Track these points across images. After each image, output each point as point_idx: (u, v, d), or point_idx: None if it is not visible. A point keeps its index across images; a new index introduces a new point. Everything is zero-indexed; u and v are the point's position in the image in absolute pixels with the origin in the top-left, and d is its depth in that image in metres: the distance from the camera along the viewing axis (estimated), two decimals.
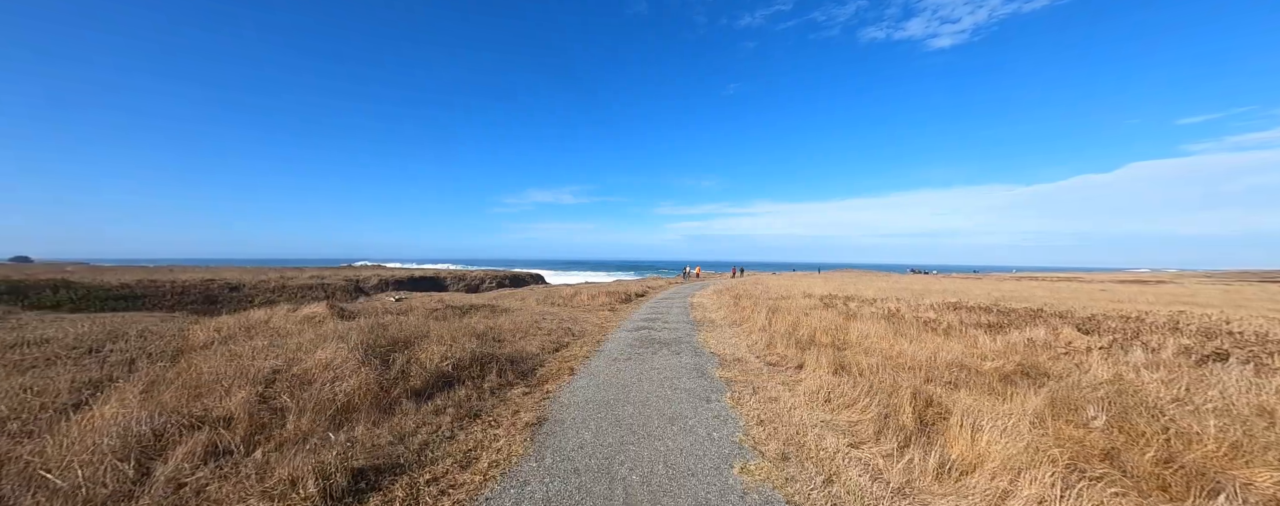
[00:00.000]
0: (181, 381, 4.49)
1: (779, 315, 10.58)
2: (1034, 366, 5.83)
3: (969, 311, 11.92)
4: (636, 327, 9.72)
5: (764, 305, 12.76)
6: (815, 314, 10.75)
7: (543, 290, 19.50)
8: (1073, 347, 6.79)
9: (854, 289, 20.47)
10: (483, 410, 4.31)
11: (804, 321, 9.50)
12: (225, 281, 24.98)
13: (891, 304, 13.32)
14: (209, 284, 24.12)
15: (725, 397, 4.62)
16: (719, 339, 8.42)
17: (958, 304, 13.54)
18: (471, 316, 10.59)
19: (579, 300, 14.83)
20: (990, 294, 20.09)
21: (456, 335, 7.01)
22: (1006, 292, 20.51)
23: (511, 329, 8.68)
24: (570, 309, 13.37)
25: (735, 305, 13.65)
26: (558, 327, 9.29)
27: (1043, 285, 27.83)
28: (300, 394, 4.03)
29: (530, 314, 11.73)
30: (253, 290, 25.37)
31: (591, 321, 10.78)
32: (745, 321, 10.35)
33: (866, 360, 5.64)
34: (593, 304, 14.39)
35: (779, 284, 24.28)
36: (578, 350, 7.25)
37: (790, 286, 22.58)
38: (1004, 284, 29.20)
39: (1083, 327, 8.52)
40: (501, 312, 11.63)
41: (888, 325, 9.11)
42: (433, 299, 16.93)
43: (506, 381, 5.32)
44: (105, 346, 6.44)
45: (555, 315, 11.53)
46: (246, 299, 24.74)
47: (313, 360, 5.13)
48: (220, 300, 23.65)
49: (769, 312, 10.80)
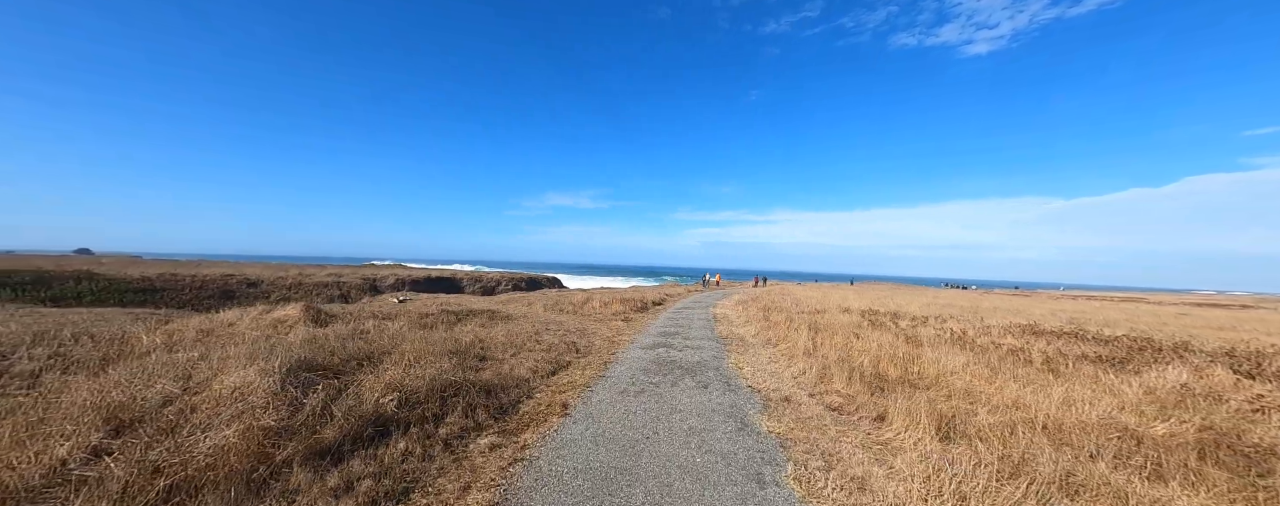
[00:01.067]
0: (23, 416, 3.23)
1: (823, 335, 8.82)
2: (1231, 433, 3.96)
3: (1054, 337, 9.84)
4: (653, 344, 8.16)
5: (800, 321, 10.99)
6: (868, 335, 8.94)
7: (554, 295, 18.21)
8: (1264, 402, 4.82)
9: (895, 304, 18.30)
10: (418, 482, 2.85)
11: (857, 345, 7.73)
12: (244, 277, 24.79)
13: (952, 324, 11.30)
14: (228, 279, 23.93)
15: (786, 476, 3.00)
16: (754, 365, 6.76)
17: (1032, 326, 11.39)
18: (466, 324, 9.27)
19: (590, 307, 13.38)
20: (1056, 314, 17.56)
21: (430, 350, 5.62)
22: (1075, 313, 17.91)
23: (505, 342, 7.26)
24: (579, 317, 11.93)
25: (765, 319, 11.91)
26: (561, 341, 7.82)
27: (1109, 306, 24.73)
28: (147, 450, 2.69)
29: (533, 322, 10.33)
30: (270, 286, 25.10)
31: (601, 334, 9.28)
32: (782, 341, 8.64)
33: (982, 415, 3.90)
34: (605, 312, 12.91)
35: (809, 296, 22.24)
36: (578, 374, 5.74)
37: (823, 299, 20.53)
38: (1062, 303, 26.18)
39: (1238, 367, 6.42)
40: (501, 320, 10.29)
41: (966, 353, 7.25)
42: (436, 301, 15.83)
43: (474, 424, 3.86)
44: (18, 352, 5.37)
45: (561, 325, 10.10)
46: (263, 295, 24.44)
47: (219, 386, 3.80)
48: (237, 295, 23.39)
49: (811, 331, 9.06)
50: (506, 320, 10.46)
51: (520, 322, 10.10)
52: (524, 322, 10.17)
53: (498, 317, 10.57)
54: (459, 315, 10.28)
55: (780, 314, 12.61)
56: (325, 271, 31.16)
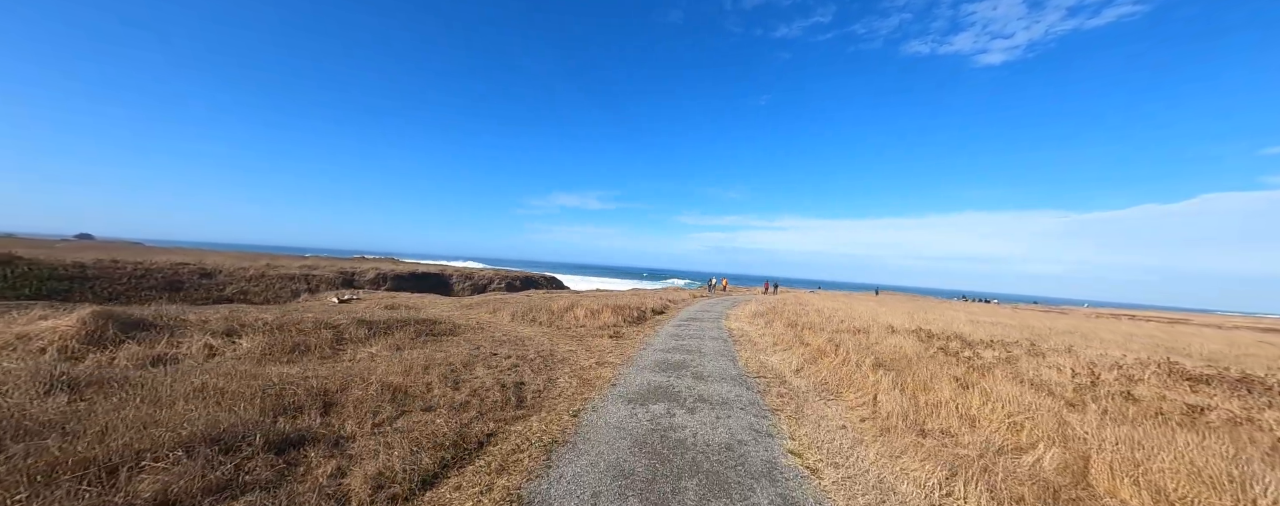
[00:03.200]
0: None
1: (904, 375, 5.82)
2: None
3: (1222, 386, 6.76)
4: (646, 389, 5.17)
5: (847, 344, 7.98)
6: (971, 381, 5.90)
7: (538, 298, 15.31)
8: None
9: (942, 322, 15.19)
10: None
11: (978, 405, 4.72)
12: (199, 267, 22.03)
13: (1060, 359, 8.22)
14: (179, 268, 21.17)
15: None
16: (840, 460, 3.72)
17: (1174, 367, 8.28)
18: (376, 343, 6.33)
19: (572, 318, 10.41)
20: (1132, 338, 14.41)
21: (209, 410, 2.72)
22: (1162, 340, 14.73)
23: (401, 385, 4.33)
24: (553, 332, 8.95)
25: (800, 341, 8.91)
26: (499, 382, 4.86)
27: (1181, 330, 21.41)
28: None
29: (484, 339, 7.38)
30: (228, 277, 22.33)
31: (574, 364, 6.31)
32: (847, 388, 5.61)
33: None
34: (590, 325, 9.94)
35: (834, 307, 19.14)
36: (479, 485, 2.80)
37: (850, 311, 17.45)
38: (1120, 324, 22.88)
39: None
40: (442, 337, 7.35)
41: (1182, 431, 4.22)
42: (388, 302, 12.90)
43: None
44: None
45: (522, 345, 7.15)
46: (218, 287, 21.69)
47: None
48: (187, 287, 20.63)
49: (881, 370, 6.04)
50: (450, 336, 7.52)
51: (464, 340, 7.15)
52: (470, 340, 7.23)
53: (439, 332, 7.63)
54: (387, 326, 7.35)
55: (817, 334, 9.59)
56: (298, 263, 28.40)
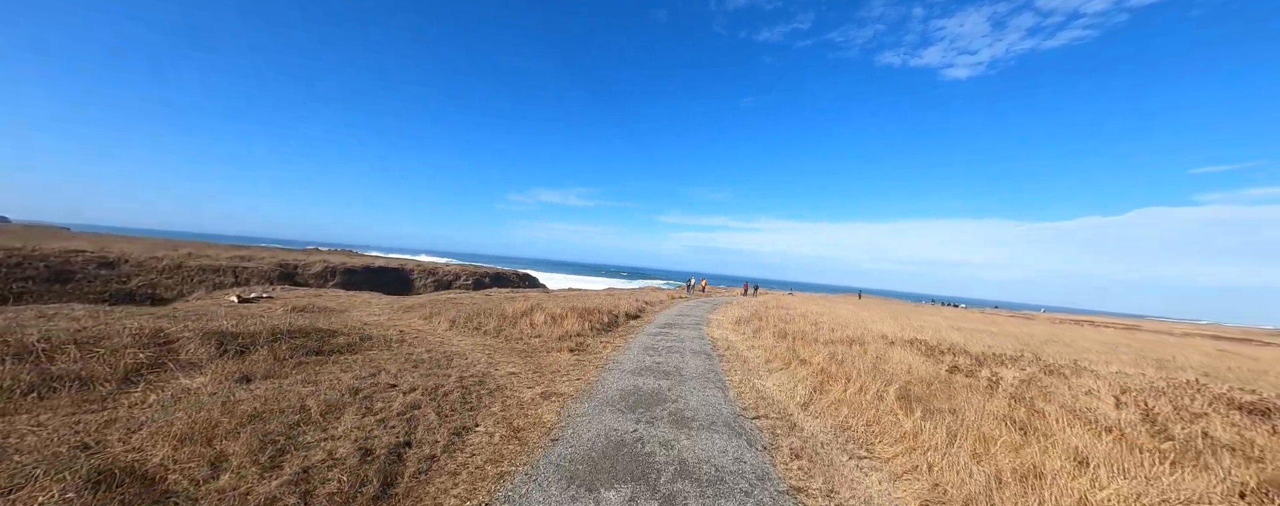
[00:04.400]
0: None
1: (928, 408, 4.44)
2: None
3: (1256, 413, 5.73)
4: (601, 448, 3.48)
5: (847, 361, 6.62)
6: (1019, 418, 4.57)
7: (497, 298, 13.41)
8: None
9: (930, 329, 14.26)
10: None
11: (1051, 461, 3.36)
12: (99, 255, 18.79)
13: (1083, 380, 7.12)
14: (71, 257, 17.91)
15: None
16: None
17: (1191, 386, 7.32)
18: (237, 363, 4.43)
19: (528, 324, 8.64)
20: (1115, 348, 13.93)
21: None
22: (1139, 350, 14.31)
23: (160, 463, 2.56)
24: (499, 344, 7.17)
25: (794, 355, 7.49)
26: (374, 444, 3.11)
27: (1139, 336, 21.55)
28: None
29: (401, 358, 5.55)
30: (134, 268, 19.16)
31: (514, 393, 4.60)
32: (871, 428, 4.16)
33: None
34: (548, 333, 8.20)
35: (817, 312, 18.04)
36: None
37: (835, 316, 16.37)
38: (1084, 330, 22.95)
39: None
40: (339, 356, 5.47)
41: None
42: (292, 304, 10.68)
43: None
44: None
45: (452, 365, 5.38)
46: (120, 278, 18.53)
47: None
48: (78, 279, 17.45)
49: (905, 405, 4.65)
50: (346, 354, 5.64)
51: (362, 361, 5.29)
52: (373, 360, 5.37)
53: (334, 347, 5.73)
54: (257, 340, 5.40)
55: (812, 347, 8.21)
56: (231, 253, 25.12)
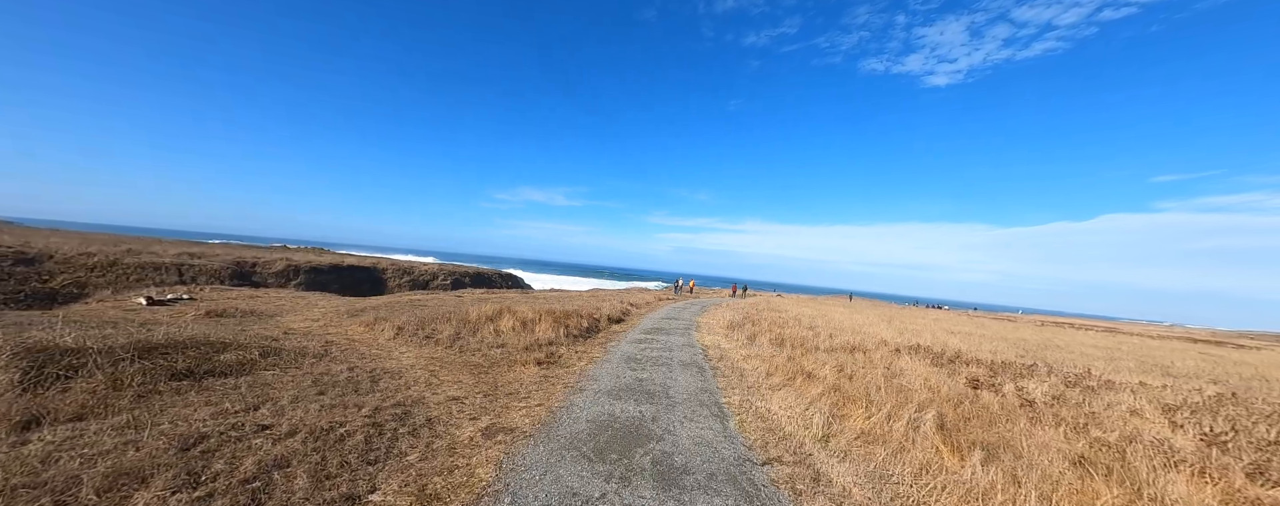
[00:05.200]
0: None
1: (978, 446, 3.47)
2: None
3: None
4: None
5: (858, 375, 5.65)
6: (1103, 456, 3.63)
7: (468, 300, 12.10)
8: None
9: (928, 334, 13.54)
10: None
11: None
12: (18, 251, 16.65)
13: (1114, 395, 6.30)
14: None
15: None
16: None
17: (1226, 399, 6.59)
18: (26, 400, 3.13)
19: (492, 331, 7.41)
20: (1115, 354, 13.47)
21: None
22: (1139, 355, 13.88)
23: None
24: (450, 357, 5.94)
25: (797, 366, 6.48)
26: None
27: (1126, 340, 21.44)
28: None
29: (303, 383, 4.27)
30: (59, 265, 17.06)
31: (443, 432, 3.41)
32: (922, 478, 3.17)
33: None
34: (515, 342, 6.98)
35: (809, 315, 17.21)
36: None
37: (829, 319, 15.56)
38: (1072, 333, 22.79)
39: None
40: (213, 381, 4.18)
41: None
42: (214, 306, 9.17)
43: None
44: None
45: (373, 391, 4.16)
46: (40, 276, 16.43)
47: None
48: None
49: (948, 438, 3.67)
50: (221, 378, 4.35)
51: (242, 389, 4.00)
52: (259, 388, 4.09)
53: (212, 369, 4.42)
54: (99, 357, 4.09)
55: (814, 357, 7.22)
56: (180, 250, 22.95)
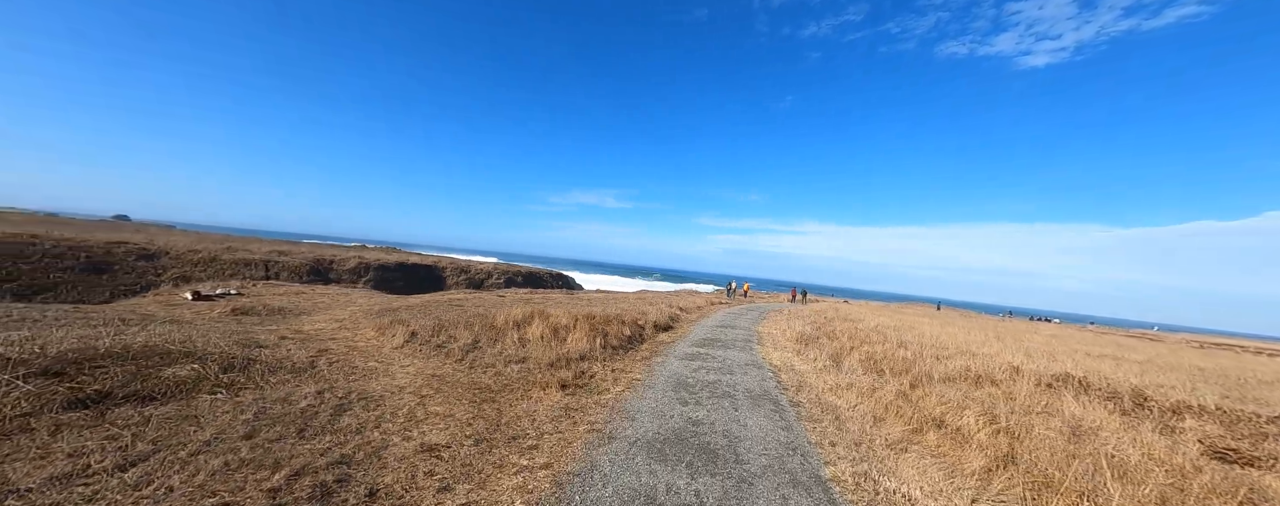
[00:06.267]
0: None
1: None
2: None
3: None
4: None
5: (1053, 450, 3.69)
6: None
7: (509, 300, 11.40)
8: None
9: (1072, 361, 10.49)
10: None
11: None
12: (141, 247, 18.95)
13: None
14: (113, 248, 18.09)
15: None
16: None
17: None
18: None
19: (517, 339, 6.31)
20: None
21: None
22: None
23: None
24: (461, 373, 4.86)
25: (912, 406, 4.60)
26: None
27: None
28: None
29: (266, 406, 3.33)
30: (172, 261, 19.16)
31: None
32: None
33: None
34: (541, 354, 5.79)
35: (892, 326, 14.50)
36: None
37: (920, 333, 12.86)
38: (1258, 361, 17.52)
39: None
40: (146, 406, 3.34)
41: None
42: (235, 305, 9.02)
43: None
44: None
45: (347, 421, 3.10)
46: (157, 270, 18.52)
47: None
48: (117, 269, 17.50)
49: None
50: (164, 399, 3.51)
51: (155, 421, 3.12)
52: (185, 417, 3.19)
53: (154, 388, 3.65)
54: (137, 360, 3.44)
55: (936, 392, 5.23)
56: (270, 248, 25.28)
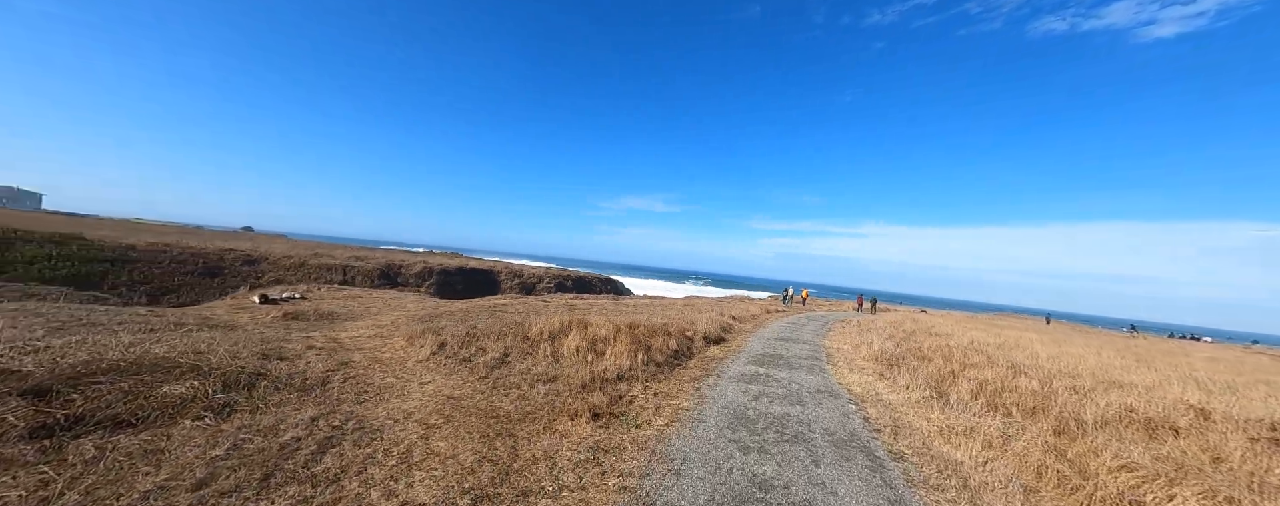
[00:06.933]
0: None
1: None
2: None
3: None
4: None
5: None
6: None
7: (555, 306, 11.02)
8: None
9: (1273, 399, 7.88)
10: None
11: None
12: (246, 254, 21.46)
13: None
14: (224, 255, 20.63)
15: None
16: None
17: None
18: None
19: (550, 352, 5.69)
20: None
21: None
22: None
23: None
24: (481, 392, 4.27)
25: (1062, 462, 3.23)
26: None
27: None
28: None
29: (245, 437, 2.89)
30: (270, 266, 21.46)
31: None
32: None
33: None
34: (574, 372, 5.08)
35: (992, 344, 12.11)
36: None
37: (1026, 351, 10.51)
38: None
39: None
40: (113, 434, 3.02)
41: None
42: (290, 309, 9.27)
43: None
44: None
45: (327, 464, 2.62)
46: (257, 274, 20.79)
47: None
48: (226, 273, 19.89)
49: None
50: (145, 425, 3.19)
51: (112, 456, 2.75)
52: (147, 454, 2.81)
53: (139, 412, 3.38)
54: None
55: (1112, 455, 3.75)
56: (348, 253, 27.67)
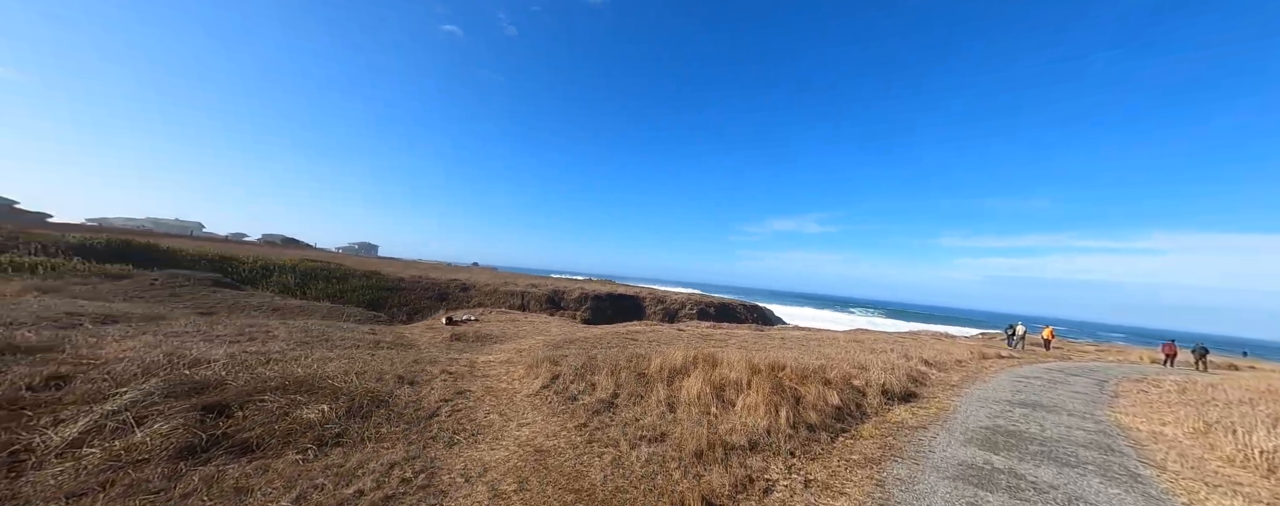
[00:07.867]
0: None
1: None
2: None
3: None
4: None
5: None
6: None
7: (682, 338, 10.29)
8: None
9: None
10: None
11: None
12: (461, 282, 28.01)
13: None
14: (449, 283, 27.35)
15: None
16: None
17: None
18: None
19: (664, 398, 4.87)
20: None
21: None
22: None
23: None
24: (573, 446, 3.72)
25: None
26: None
27: None
28: None
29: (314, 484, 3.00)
30: (478, 291, 27.33)
31: None
32: None
33: None
34: (683, 439, 4.12)
35: None
36: None
37: None
38: None
39: None
40: (254, 460, 3.45)
41: None
42: (455, 331, 10.58)
43: None
44: None
45: None
46: (468, 297, 26.63)
47: None
48: (449, 297, 26.15)
49: None
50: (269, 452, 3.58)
51: None
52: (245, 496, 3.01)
53: (278, 431, 3.83)
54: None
55: None
56: (527, 281, 33.16)
